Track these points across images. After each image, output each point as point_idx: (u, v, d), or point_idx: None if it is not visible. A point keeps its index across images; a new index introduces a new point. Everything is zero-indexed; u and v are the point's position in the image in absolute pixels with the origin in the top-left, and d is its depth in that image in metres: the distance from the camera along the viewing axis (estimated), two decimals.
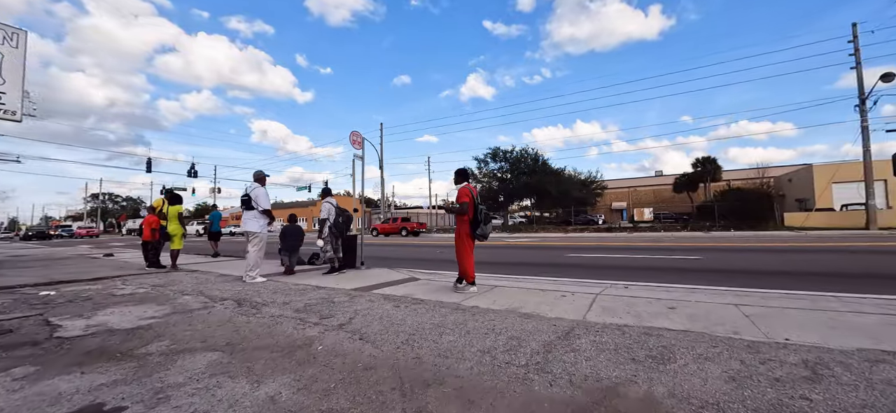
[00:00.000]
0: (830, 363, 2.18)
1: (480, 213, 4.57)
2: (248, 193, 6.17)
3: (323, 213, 7.03)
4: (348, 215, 7.42)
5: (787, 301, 3.86)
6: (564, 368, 2.23)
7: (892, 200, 24.62)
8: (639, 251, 10.75)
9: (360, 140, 8.37)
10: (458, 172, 4.90)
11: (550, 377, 2.13)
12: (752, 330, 2.87)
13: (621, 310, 3.63)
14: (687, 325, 3.08)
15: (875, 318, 3.10)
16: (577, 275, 6.70)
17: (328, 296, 4.72)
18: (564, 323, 3.20)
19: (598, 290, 4.73)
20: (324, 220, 6.97)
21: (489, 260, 9.93)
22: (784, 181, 33.32)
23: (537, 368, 2.25)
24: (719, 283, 5.47)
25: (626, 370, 2.18)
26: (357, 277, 6.43)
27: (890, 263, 7.07)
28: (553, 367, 2.26)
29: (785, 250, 9.91)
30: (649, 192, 48.64)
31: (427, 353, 2.56)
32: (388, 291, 4.97)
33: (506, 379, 2.13)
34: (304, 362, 2.50)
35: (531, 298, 4.28)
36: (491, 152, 34.51)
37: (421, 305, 4.03)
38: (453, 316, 3.53)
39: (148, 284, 6.02)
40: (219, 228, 11.94)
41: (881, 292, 4.48)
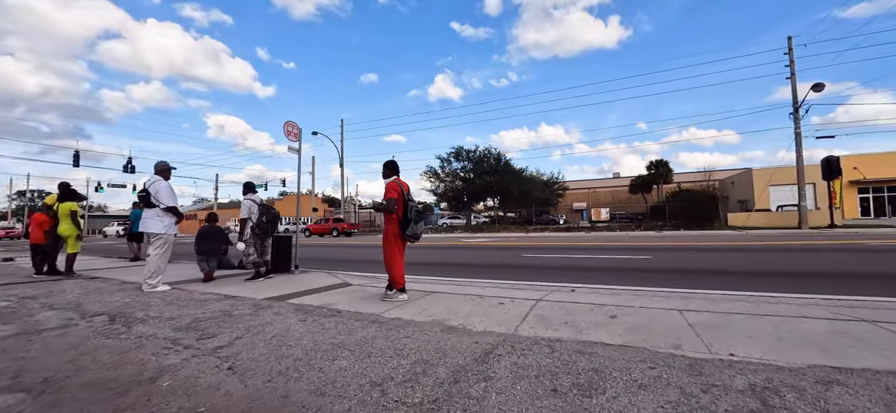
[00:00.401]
0: (781, 388, 1.82)
1: (411, 210, 4.03)
2: (146, 188, 5.26)
3: (243, 211, 6.20)
4: (274, 214, 6.60)
5: (731, 304, 3.61)
6: (466, 407, 1.73)
7: (820, 202, 26.69)
8: (593, 251, 10.66)
9: (296, 131, 7.58)
10: (386, 165, 4.33)
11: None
12: (695, 342, 2.52)
13: (559, 319, 3.22)
14: (627, 337, 2.69)
15: (822, 325, 2.86)
16: (526, 277, 6.34)
17: (230, 308, 4.00)
18: (490, 339, 2.73)
19: (541, 294, 4.33)
20: (244, 219, 6.14)
21: (440, 261, 9.43)
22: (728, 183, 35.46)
23: (432, 408, 1.73)
24: (666, 284, 5.28)
25: (541, 408, 1.71)
26: (284, 284, 5.69)
27: (821, 261, 7.27)
28: (453, 405, 1.75)
29: (729, 249, 10.15)
30: (608, 193, 50.36)
31: (301, 390, 1.98)
32: (307, 300, 4.32)
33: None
34: (131, 407, 1.85)
35: (465, 307, 3.80)
36: (454, 151, 34.17)
37: (333, 318, 3.43)
38: (363, 332, 2.95)
39: (15, 296, 4.98)
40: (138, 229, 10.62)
41: (820, 291, 4.40)
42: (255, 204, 6.27)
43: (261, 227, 6.17)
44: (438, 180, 35.08)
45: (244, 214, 6.13)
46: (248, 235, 6.10)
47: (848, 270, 6.21)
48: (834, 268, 6.53)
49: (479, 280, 5.90)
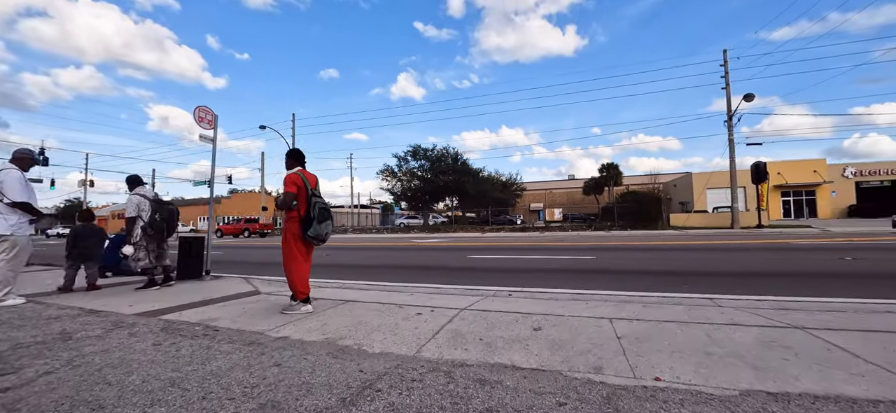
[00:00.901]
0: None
1: (314, 207, 3.40)
2: None
3: (130, 209, 5.20)
4: (170, 211, 5.61)
5: (665, 310, 3.34)
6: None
7: (750, 204, 28.91)
8: (542, 251, 10.51)
9: (209, 117, 6.65)
10: (288, 154, 3.68)
11: None
12: (619, 363, 2.14)
13: (475, 334, 2.75)
14: (544, 357, 2.27)
15: (752, 334, 2.60)
16: (466, 280, 5.90)
17: (78, 328, 3.17)
18: (380, 365, 2.19)
19: (471, 301, 3.88)
20: (133, 218, 5.17)
21: (382, 263, 8.81)
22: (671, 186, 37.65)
23: None
24: (606, 286, 5.04)
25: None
26: (180, 293, 4.84)
27: (752, 260, 7.49)
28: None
29: (669, 249, 10.38)
30: (563, 194, 51.90)
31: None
32: (186, 316, 3.56)
33: None
34: None
35: (375, 320, 3.24)
36: (412, 150, 33.43)
37: (199, 341, 2.74)
38: (221, 361, 2.31)
39: None
40: None
41: (750, 292, 4.32)
42: (145, 199, 5.31)
43: (155, 227, 5.23)
44: (395, 179, 34.22)
45: (132, 212, 5.17)
46: (137, 237, 5.15)
47: (776, 270, 6.36)
48: (763, 267, 6.68)
49: (412, 285, 5.38)
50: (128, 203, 5.24)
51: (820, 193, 31.96)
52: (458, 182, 30.98)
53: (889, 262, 6.88)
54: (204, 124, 6.60)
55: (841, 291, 4.36)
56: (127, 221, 5.16)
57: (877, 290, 4.44)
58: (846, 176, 32.08)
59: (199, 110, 6.55)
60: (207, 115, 6.66)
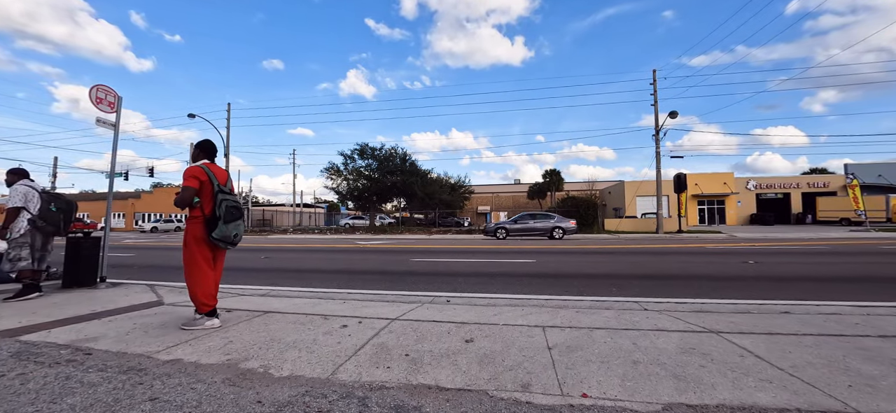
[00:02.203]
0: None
1: (221, 205, 2.97)
2: None
3: (15, 199, 4.34)
4: (68, 203, 4.85)
5: (596, 315, 3.37)
6: None
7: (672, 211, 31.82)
8: (487, 254, 10.56)
9: (111, 99, 5.74)
10: (196, 146, 3.20)
11: None
12: (547, 378, 2.04)
13: (402, 349, 2.53)
14: (472, 374, 2.11)
15: (674, 341, 2.66)
16: (406, 285, 5.66)
17: None
18: (285, 392, 1.89)
19: (404, 310, 3.65)
20: (17, 209, 4.30)
21: (317, 268, 8.26)
22: (606, 193, 40.37)
23: None
24: (540, 290, 5.09)
25: None
26: (57, 305, 4.05)
27: (673, 263, 8.10)
28: None
29: (603, 252, 10.95)
30: (509, 198, 53.52)
31: None
32: (58, 334, 2.93)
33: None
34: None
35: (292, 335, 2.89)
36: (358, 148, 32.36)
37: (62, 368, 2.22)
38: (81, 395, 1.86)
39: None
40: None
41: (672, 295, 4.58)
42: (33, 190, 4.48)
43: (49, 220, 4.44)
44: (341, 178, 32.93)
45: (17, 202, 4.30)
46: (20, 232, 4.28)
47: (693, 273, 6.88)
48: (683, 270, 7.22)
49: (346, 291, 5.03)
50: (12, 193, 4.34)
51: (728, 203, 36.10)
52: (405, 183, 30.53)
53: (781, 265, 7.79)
54: (103, 106, 5.67)
55: (747, 293, 4.79)
56: (7, 213, 4.26)
57: (774, 291, 4.94)
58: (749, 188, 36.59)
59: (98, 89, 5.62)
60: (108, 97, 5.74)
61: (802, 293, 4.78)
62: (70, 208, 4.84)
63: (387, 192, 32.89)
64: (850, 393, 1.84)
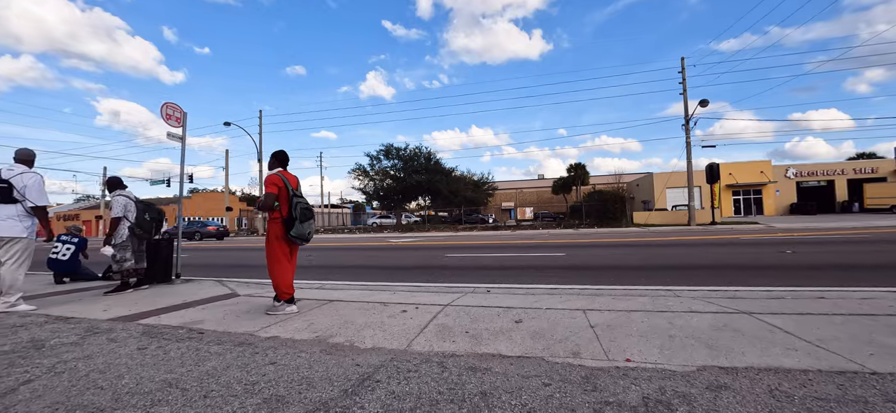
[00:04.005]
0: (673, 399, 1.67)
1: (296, 208, 3.44)
2: (7, 180, 3.98)
3: (116, 209, 5.08)
4: (158, 212, 5.59)
5: (631, 301, 3.65)
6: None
7: (705, 202, 30.88)
8: (515, 249, 10.84)
9: (177, 115, 6.43)
10: (272, 156, 3.70)
11: None
12: (594, 348, 2.37)
13: (461, 328, 2.91)
14: (527, 345, 2.46)
15: (707, 320, 2.92)
16: (444, 279, 6.05)
17: (49, 336, 3.06)
18: (375, 359, 2.31)
19: (452, 298, 4.04)
20: (118, 218, 5.04)
21: (358, 264, 8.81)
22: (634, 186, 39.53)
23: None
24: (577, 281, 5.36)
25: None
26: (152, 297, 4.70)
27: (705, 254, 8.12)
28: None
29: (633, 246, 11.00)
30: (533, 193, 53.18)
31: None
32: (166, 319, 3.50)
33: None
34: None
35: (362, 318, 3.33)
36: (384, 149, 33.19)
37: (187, 343, 2.74)
38: (214, 361, 2.35)
39: None
40: None
41: (705, 283, 4.75)
42: (130, 200, 5.22)
43: (143, 227, 5.19)
44: (368, 178, 33.85)
45: (118, 212, 5.04)
46: (123, 238, 5.02)
47: (726, 263, 6.94)
48: (716, 261, 7.27)
49: (392, 284, 5.47)
50: (113, 203, 5.11)
51: (766, 192, 34.60)
52: (430, 181, 31.09)
53: (820, 254, 7.68)
54: (172, 122, 6.37)
55: (782, 281, 4.88)
56: (112, 221, 5.00)
57: (810, 279, 5.01)
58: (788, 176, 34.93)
59: (167, 107, 6.32)
60: (176, 113, 6.43)
61: (839, 281, 4.82)
62: (160, 217, 5.54)
63: (412, 191, 33.56)
64: (870, 359, 2.07)
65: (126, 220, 5.18)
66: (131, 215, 5.22)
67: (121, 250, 5.11)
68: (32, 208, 4.18)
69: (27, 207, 4.15)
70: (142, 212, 5.34)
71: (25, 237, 4.16)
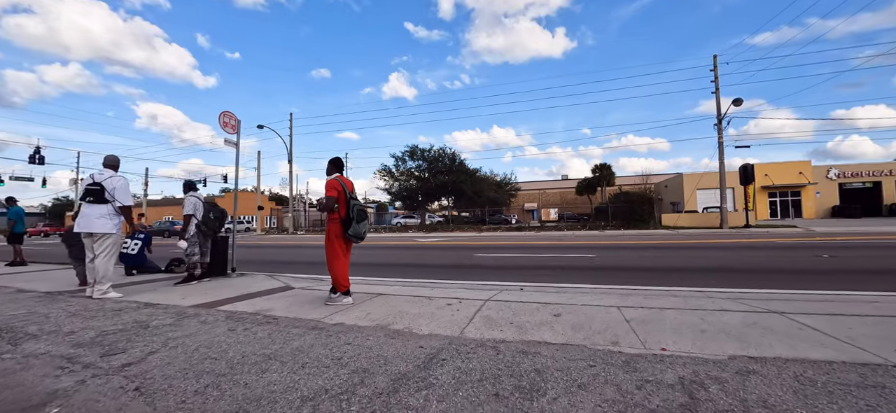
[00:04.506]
0: (706, 380, 1.92)
1: (353, 209, 3.84)
2: (99, 183, 4.67)
3: (187, 208, 5.70)
4: (221, 211, 6.17)
5: (663, 300, 3.84)
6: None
7: (739, 204, 29.84)
8: (542, 250, 11.01)
9: (233, 123, 7.02)
10: (330, 162, 4.11)
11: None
12: (631, 339, 2.62)
13: (505, 319, 3.22)
14: (569, 335, 2.74)
15: (738, 318, 3.10)
16: (477, 277, 6.36)
17: (148, 318, 3.57)
18: (435, 342, 2.65)
19: (490, 294, 4.34)
20: (189, 216, 5.65)
21: (392, 262, 9.23)
22: (662, 187, 38.56)
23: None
24: (608, 281, 5.54)
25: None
26: (217, 288, 5.23)
27: (738, 258, 8.07)
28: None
29: (663, 247, 10.96)
30: (556, 194, 52.63)
31: (220, 410, 1.76)
32: (240, 307, 3.97)
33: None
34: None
35: (412, 309, 3.69)
36: (409, 150, 33.85)
37: (267, 326, 3.17)
38: (300, 340, 2.75)
39: None
40: (23, 229, 9.45)
41: (737, 285, 4.85)
42: (199, 201, 5.83)
43: (208, 225, 5.80)
44: (393, 179, 34.58)
45: (189, 210, 5.66)
46: (191, 234, 5.61)
47: (760, 266, 6.93)
48: (749, 264, 7.25)
49: (429, 281, 5.82)
50: (186, 202, 5.73)
51: (805, 194, 33.04)
52: (455, 182, 31.46)
53: (860, 258, 7.51)
54: (228, 129, 6.96)
55: (816, 285, 4.92)
56: (184, 219, 5.63)
57: (847, 283, 5.01)
58: (830, 177, 33.22)
59: (224, 115, 6.91)
60: (231, 121, 7.03)
61: (878, 285, 4.81)
62: (223, 216, 6.12)
63: (436, 192, 34.02)
64: (894, 354, 2.23)
65: (195, 218, 5.77)
66: (199, 214, 5.81)
67: (191, 245, 5.70)
68: (120, 207, 4.79)
69: (116, 207, 4.76)
70: (207, 211, 5.93)
71: (115, 233, 4.78)
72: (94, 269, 4.70)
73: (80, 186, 51.31)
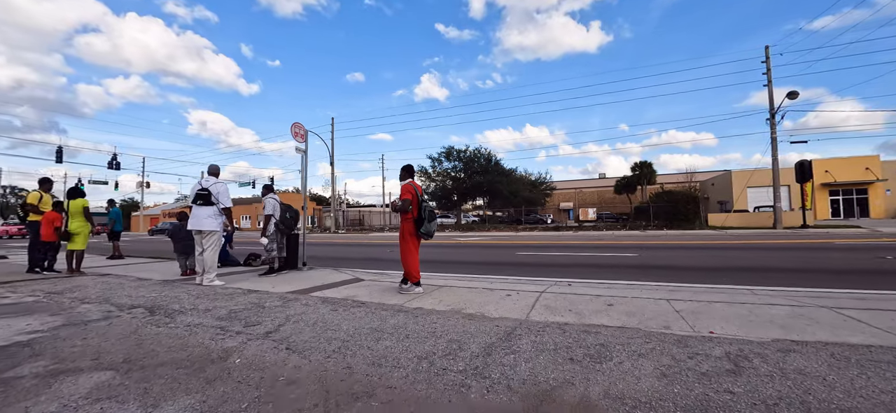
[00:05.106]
0: (750, 355, 2.29)
1: (424, 210, 4.42)
2: (206, 188, 5.63)
3: (267, 209, 6.58)
4: (295, 211, 7.03)
5: (711, 295, 4.12)
6: (503, 372, 2.14)
7: (795, 203, 28.07)
8: (583, 250, 11.21)
9: (303, 132, 7.86)
10: (403, 169, 4.71)
11: (488, 383, 2.02)
12: (681, 324, 2.99)
13: (563, 308, 3.65)
14: (624, 320, 3.14)
15: (785, 310, 3.36)
16: (524, 273, 6.78)
17: (259, 300, 4.32)
18: (507, 323, 3.14)
19: (543, 288, 4.77)
20: (269, 216, 6.52)
21: (439, 259, 9.81)
22: (708, 185, 36.83)
23: (475, 373, 2.13)
24: (654, 278, 5.79)
25: (563, 371, 2.13)
26: (296, 279, 6.01)
27: (790, 258, 7.94)
28: (492, 371, 2.16)
29: (708, 247, 10.82)
30: (593, 193, 51.50)
31: (360, 362, 2.35)
32: (329, 294, 4.66)
33: (441, 387, 1.99)
34: (216, 380, 2.19)
35: (477, 298, 4.20)
36: (445, 151, 34.61)
37: (361, 308, 3.79)
38: (394, 319, 3.33)
39: (42, 291, 5.18)
40: (121, 228, 10.96)
41: (787, 285, 4.97)
42: (278, 202, 6.67)
43: (285, 224, 6.61)
44: (429, 179, 35.42)
45: (269, 211, 6.51)
46: (271, 232, 6.46)
47: (813, 266, 6.85)
48: (801, 264, 7.17)
49: (481, 276, 6.32)
50: (266, 204, 6.61)
51: (872, 192, 30.44)
52: (490, 182, 31.82)
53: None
54: (298, 139, 7.81)
55: (872, 285, 4.93)
56: (265, 218, 6.51)
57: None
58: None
59: (295, 126, 7.76)
60: (301, 131, 7.87)
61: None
62: (296, 216, 6.96)
63: (472, 192, 34.50)
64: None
65: (274, 218, 6.61)
66: (277, 214, 6.65)
67: (271, 242, 6.55)
68: (222, 209, 5.67)
69: (219, 208, 5.64)
70: (284, 211, 6.77)
71: (218, 231, 5.67)
72: (202, 260, 5.61)
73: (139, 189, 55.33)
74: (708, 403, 1.73)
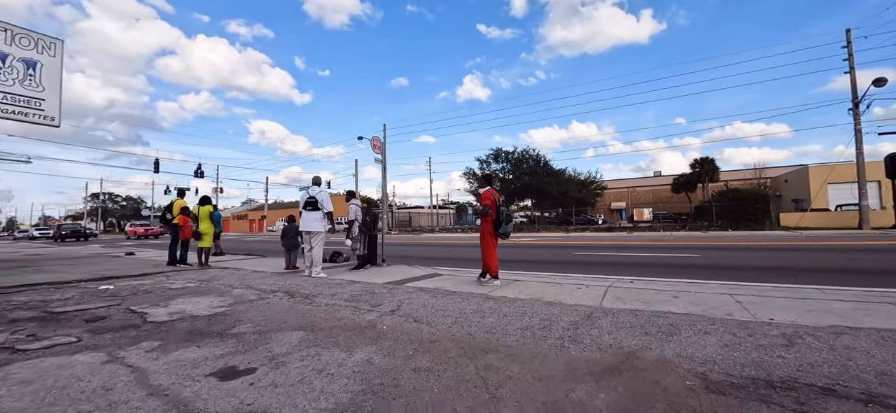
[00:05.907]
0: (804, 335, 2.74)
1: (502, 214, 5.13)
2: (313, 196, 6.84)
3: (350, 214, 7.64)
4: (375, 214, 8.05)
5: (775, 291, 4.43)
6: (592, 339, 2.79)
7: (886, 201, 25.26)
8: (640, 250, 11.32)
9: (379, 145, 8.91)
10: (483, 177, 5.53)
11: (582, 346, 2.69)
12: (742, 312, 3.44)
13: (631, 298, 4.19)
14: (689, 308, 3.64)
15: (849, 305, 3.66)
16: (585, 271, 7.25)
17: (367, 288, 5.27)
18: (584, 308, 3.76)
19: (609, 283, 5.29)
20: (352, 220, 7.58)
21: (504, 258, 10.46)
22: (780, 181, 33.97)
23: (570, 339, 2.81)
24: (715, 277, 6.03)
25: (641, 340, 2.74)
26: (383, 273, 6.98)
27: (867, 259, 7.64)
28: (582, 338, 2.83)
29: (778, 249, 10.48)
30: (648, 192, 49.26)
31: (476, 331, 3.12)
32: (420, 285, 5.52)
33: (546, 347, 2.69)
34: (378, 338, 3.05)
35: (550, 290, 4.84)
36: (493, 153, 35.20)
37: (454, 296, 4.59)
38: (487, 303, 4.08)
39: (194, 279, 6.56)
40: (221, 228, 12.73)
41: (863, 285, 5.03)
42: (358, 207, 7.71)
43: (366, 226, 7.64)
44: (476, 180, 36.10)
45: (352, 216, 7.57)
46: (356, 233, 7.53)
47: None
48: (883, 266, 6.95)
49: (545, 273, 6.90)
50: (349, 209, 7.70)
51: None
52: (539, 183, 31.90)
53: None
54: (376, 151, 8.87)
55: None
56: (348, 222, 7.59)
57: None
58: None
59: (374, 139, 8.84)
60: (378, 144, 8.93)
61: None
62: (375, 219, 7.99)
63: (520, 193, 34.71)
64: None
65: (357, 221, 7.66)
66: (359, 218, 7.68)
67: (356, 242, 7.61)
68: (326, 214, 6.78)
69: (324, 213, 6.76)
70: (365, 214, 7.79)
71: (323, 231, 6.78)
72: (311, 256, 6.75)
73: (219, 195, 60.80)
74: (761, 364, 2.28)
